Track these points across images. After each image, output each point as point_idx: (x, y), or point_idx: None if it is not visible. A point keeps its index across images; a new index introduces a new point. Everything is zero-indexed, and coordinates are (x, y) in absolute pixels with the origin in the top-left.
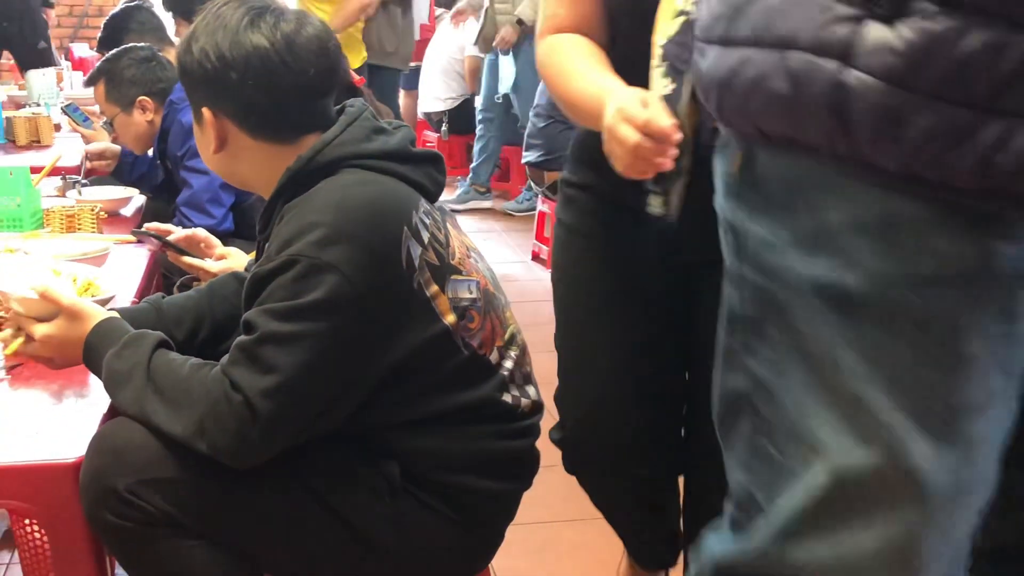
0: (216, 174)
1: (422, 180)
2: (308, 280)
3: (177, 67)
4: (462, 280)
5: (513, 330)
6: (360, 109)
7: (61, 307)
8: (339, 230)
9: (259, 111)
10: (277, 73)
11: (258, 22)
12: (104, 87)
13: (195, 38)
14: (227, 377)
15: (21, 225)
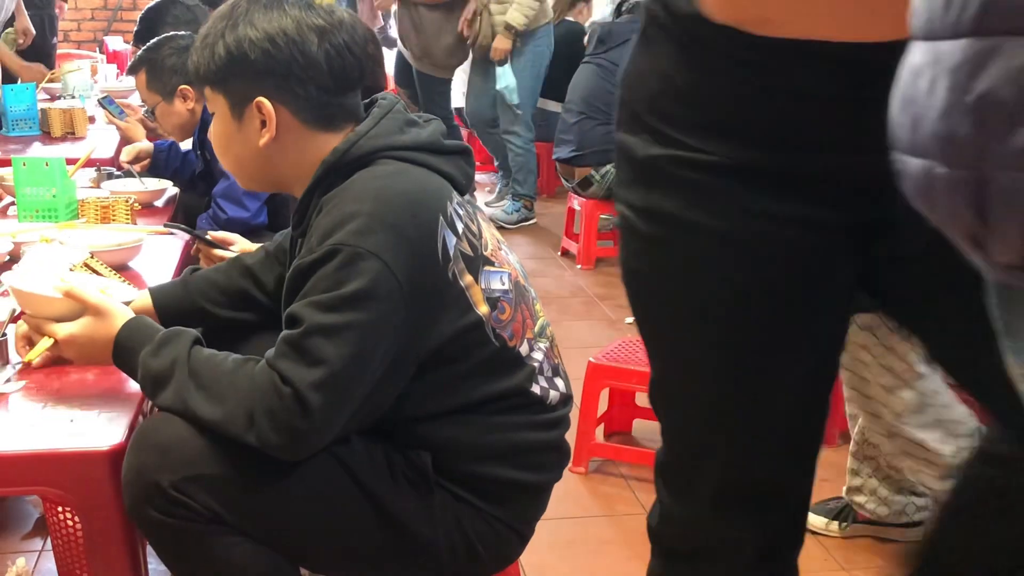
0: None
1: (454, 172)
2: (350, 268)
3: (223, 57)
4: (495, 271)
5: (543, 322)
6: (392, 102)
7: (87, 305)
8: (379, 218)
9: (320, 95)
10: (341, 55)
11: (313, 8)
12: (146, 76)
13: (251, 26)
14: (275, 370)
15: (56, 215)
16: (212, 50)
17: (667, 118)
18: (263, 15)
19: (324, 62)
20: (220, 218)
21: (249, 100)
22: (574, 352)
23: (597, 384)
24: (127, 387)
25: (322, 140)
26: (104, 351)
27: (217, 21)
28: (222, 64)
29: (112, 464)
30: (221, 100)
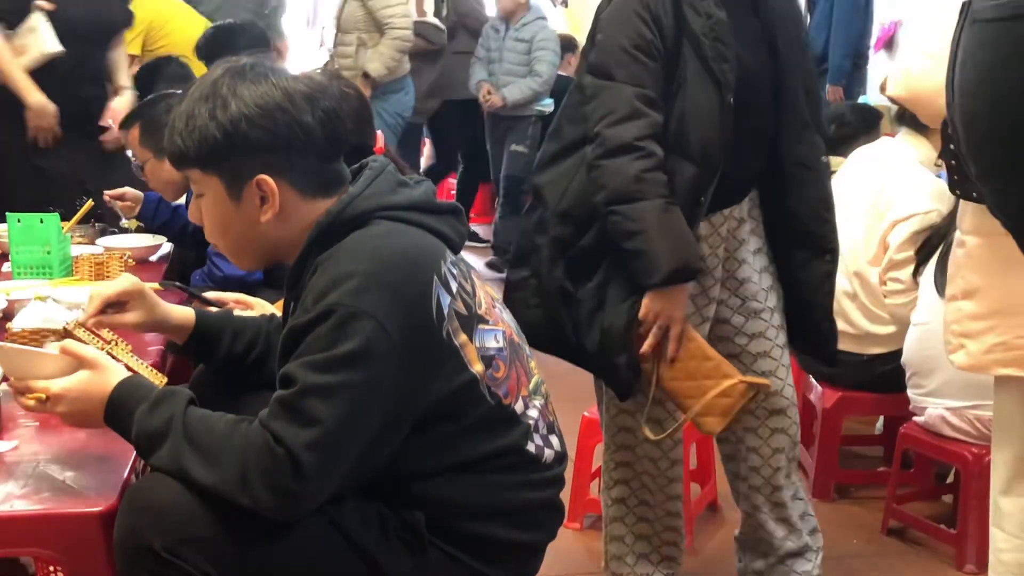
0: (245, 255)
1: (447, 231)
2: (345, 329)
3: (219, 140)
4: (489, 329)
5: (538, 379)
6: (384, 163)
7: (83, 360)
8: (374, 278)
9: (317, 164)
10: (332, 121)
11: (298, 79)
12: (139, 132)
13: (242, 104)
14: (268, 431)
15: (50, 272)
16: (202, 132)
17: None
18: (252, 90)
19: (319, 129)
20: (216, 276)
21: (248, 178)
22: (568, 405)
23: (591, 439)
24: (119, 447)
25: (315, 207)
26: (96, 409)
27: (200, 102)
28: (217, 145)
29: (104, 525)
30: (215, 181)
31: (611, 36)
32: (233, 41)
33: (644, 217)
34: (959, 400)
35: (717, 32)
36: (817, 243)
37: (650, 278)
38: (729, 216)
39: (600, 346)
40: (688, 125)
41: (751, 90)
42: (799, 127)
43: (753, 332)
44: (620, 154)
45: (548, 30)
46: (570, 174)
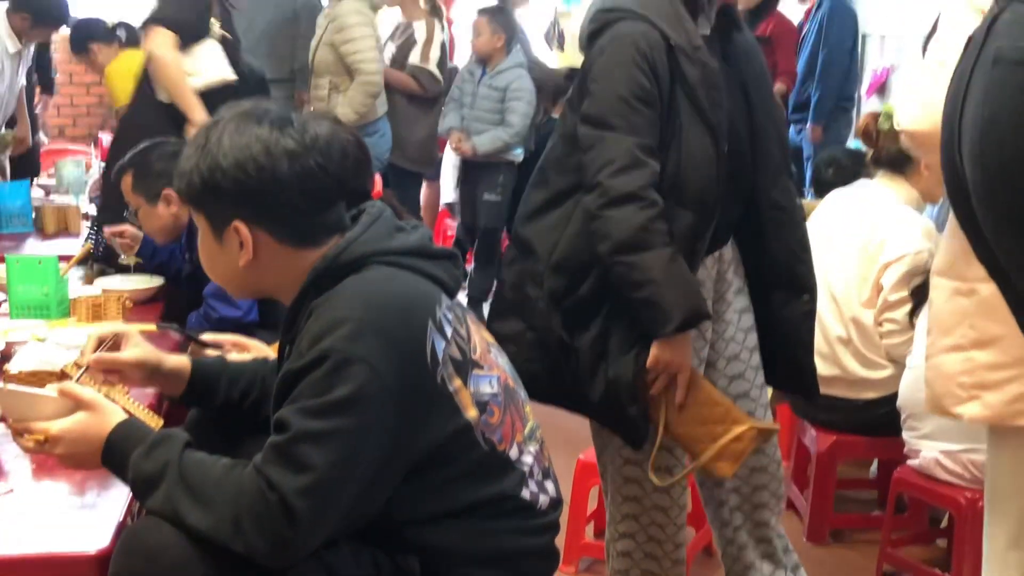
0: (234, 289)
1: (442, 276)
2: (338, 374)
3: (198, 185)
4: (484, 375)
5: (533, 425)
6: (381, 209)
7: (81, 402)
8: (368, 324)
9: (295, 217)
10: (314, 177)
11: (287, 129)
12: (132, 178)
13: (222, 154)
14: (262, 476)
15: (48, 313)
16: (188, 176)
17: None
18: (235, 140)
19: (296, 185)
20: (212, 317)
21: (227, 223)
22: (563, 448)
23: (586, 482)
24: (114, 490)
25: (304, 256)
26: (93, 450)
27: (192, 146)
28: (197, 191)
29: (99, 568)
30: (203, 221)
31: (608, 86)
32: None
33: (653, 267)
34: (954, 443)
35: (712, 82)
36: (795, 283)
37: (663, 327)
38: (718, 259)
39: (608, 397)
40: (685, 173)
41: (733, 136)
42: (774, 171)
43: (733, 374)
44: (624, 204)
45: (524, 80)
46: (561, 225)
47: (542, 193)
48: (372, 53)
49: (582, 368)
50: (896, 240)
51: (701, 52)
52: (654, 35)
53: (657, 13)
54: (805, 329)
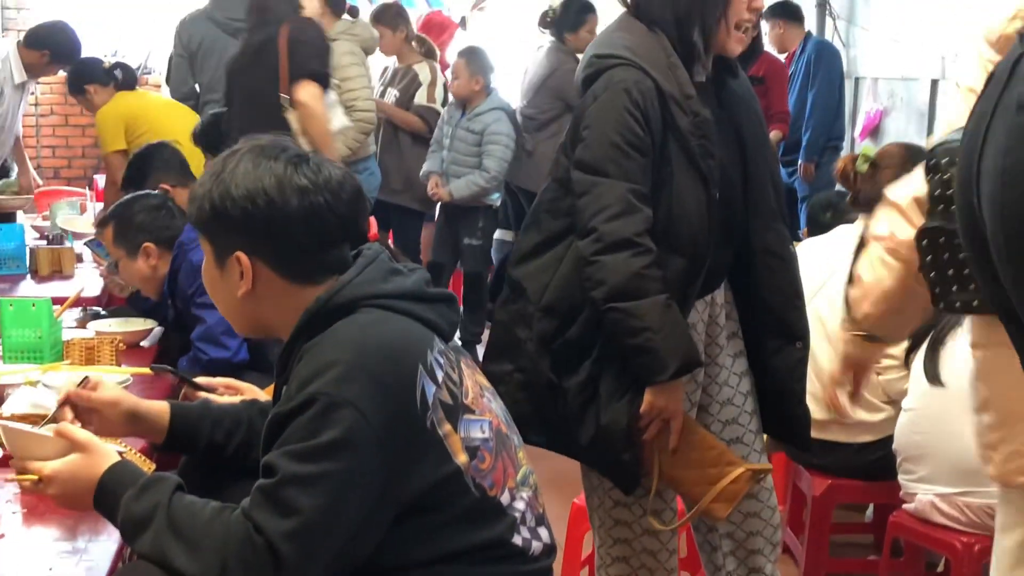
0: (230, 318)
1: (437, 320)
2: (326, 418)
3: (208, 211)
4: (475, 420)
5: (526, 470)
6: (377, 251)
7: (76, 443)
8: (357, 367)
9: (298, 253)
10: (321, 216)
11: (301, 167)
12: (112, 231)
13: (234, 184)
14: (249, 520)
15: (42, 357)
16: (199, 202)
17: None
18: (248, 172)
19: (303, 222)
20: (202, 360)
21: (230, 252)
22: (557, 492)
23: (581, 527)
24: (105, 535)
25: (303, 293)
26: (86, 492)
27: (209, 174)
28: (207, 217)
29: None
30: (208, 247)
31: (601, 132)
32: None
33: (648, 314)
34: (949, 487)
35: (703, 130)
36: (788, 331)
37: (659, 375)
38: (710, 302)
39: (599, 442)
40: (676, 220)
41: (726, 182)
42: (767, 216)
43: (727, 418)
44: (619, 250)
45: (502, 123)
46: (552, 267)
47: (535, 235)
48: (366, 92)
49: (570, 411)
50: None
51: (693, 101)
52: (647, 83)
53: (650, 61)
54: (796, 378)
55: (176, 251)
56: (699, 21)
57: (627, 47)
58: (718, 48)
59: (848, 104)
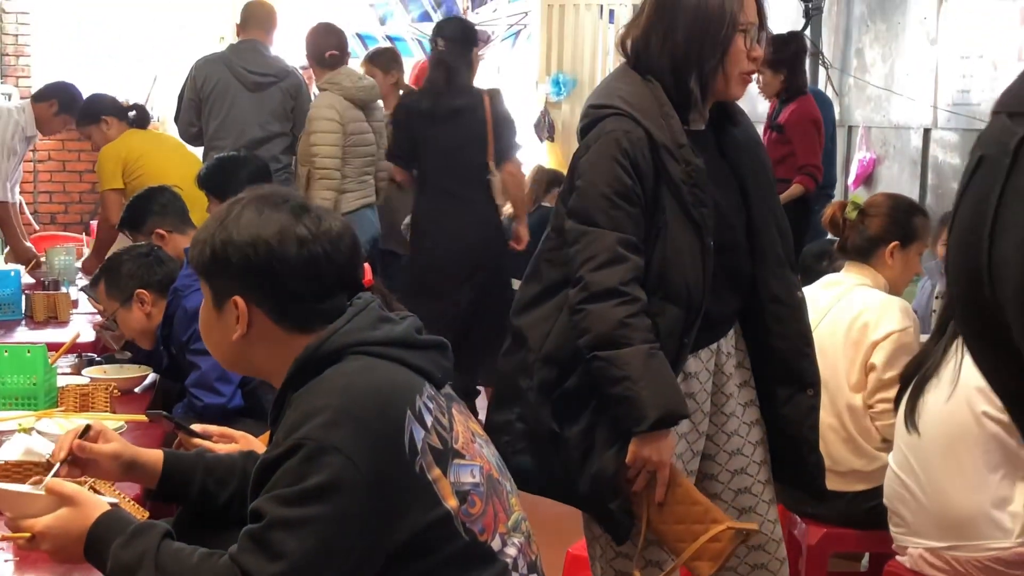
0: (224, 361)
1: (427, 366)
2: (313, 463)
3: (208, 255)
4: (465, 465)
5: (518, 516)
6: (367, 300)
7: (65, 497)
8: (344, 413)
9: (294, 301)
10: (318, 265)
11: (303, 217)
12: (104, 284)
13: (237, 230)
14: (236, 564)
15: (36, 404)
16: (201, 246)
17: None
18: (251, 219)
19: (301, 270)
20: (196, 407)
21: (228, 296)
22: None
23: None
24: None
25: (296, 341)
26: (77, 543)
27: (213, 219)
28: (208, 261)
29: None
30: (207, 290)
31: (592, 182)
32: (235, 172)
33: (629, 363)
34: (937, 541)
35: (695, 179)
36: (799, 378)
37: (637, 425)
38: (716, 351)
39: (592, 491)
40: (670, 268)
41: (726, 230)
42: (774, 264)
43: (735, 468)
44: (604, 299)
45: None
46: (552, 316)
47: (535, 285)
48: (329, 149)
49: (571, 460)
50: (880, 320)
51: (685, 150)
52: (638, 132)
53: (643, 110)
54: (808, 426)
55: (171, 297)
56: (696, 69)
57: (621, 97)
58: (718, 95)
59: (841, 152)
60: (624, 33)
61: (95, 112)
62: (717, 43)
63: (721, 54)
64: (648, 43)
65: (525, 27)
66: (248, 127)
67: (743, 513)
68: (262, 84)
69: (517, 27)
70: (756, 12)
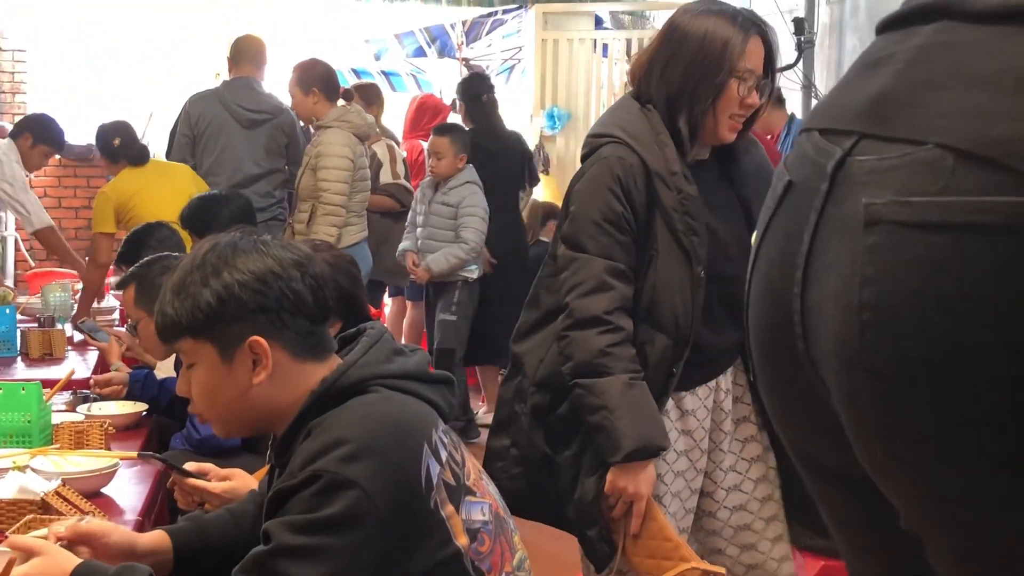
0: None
1: (438, 400)
2: (328, 495)
3: (213, 306)
4: (476, 502)
5: (522, 555)
6: (381, 331)
7: (33, 550)
8: (363, 447)
9: (309, 327)
10: (321, 286)
11: (288, 246)
12: (135, 291)
13: (236, 271)
14: None
15: (31, 441)
16: (195, 299)
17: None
18: (243, 258)
19: (309, 294)
20: (194, 438)
21: (241, 341)
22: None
23: None
24: None
25: (310, 370)
26: None
27: (191, 272)
28: (210, 311)
29: None
30: (207, 348)
31: (583, 209)
32: (217, 212)
33: (607, 392)
34: None
35: (687, 207)
36: None
37: (612, 456)
38: (715, 388)
39: (575, 516)
40: (659, 297)
41: (723, 261)
42: None
43: (733, 505)
44: (587, 327)
45: (477, 196)
46: (548, 343)
47: (533, 312)
48: (338, 186)
49: (563, 485)
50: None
51: (677, 177)
52: (632, 159)
53: (638, 137)
54: None
55: None
56: (687, 108)
57: (619, 125)
58: (708, 137)
59: None
60: (634, 60)
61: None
62: (711, 86)
63: (713, 98)
64: (650, 71)
65: (519, 61)
66: (243, 164)
67: (744, 550)
68: (256, 121)
69: (511, 62)
70: (761, 62)
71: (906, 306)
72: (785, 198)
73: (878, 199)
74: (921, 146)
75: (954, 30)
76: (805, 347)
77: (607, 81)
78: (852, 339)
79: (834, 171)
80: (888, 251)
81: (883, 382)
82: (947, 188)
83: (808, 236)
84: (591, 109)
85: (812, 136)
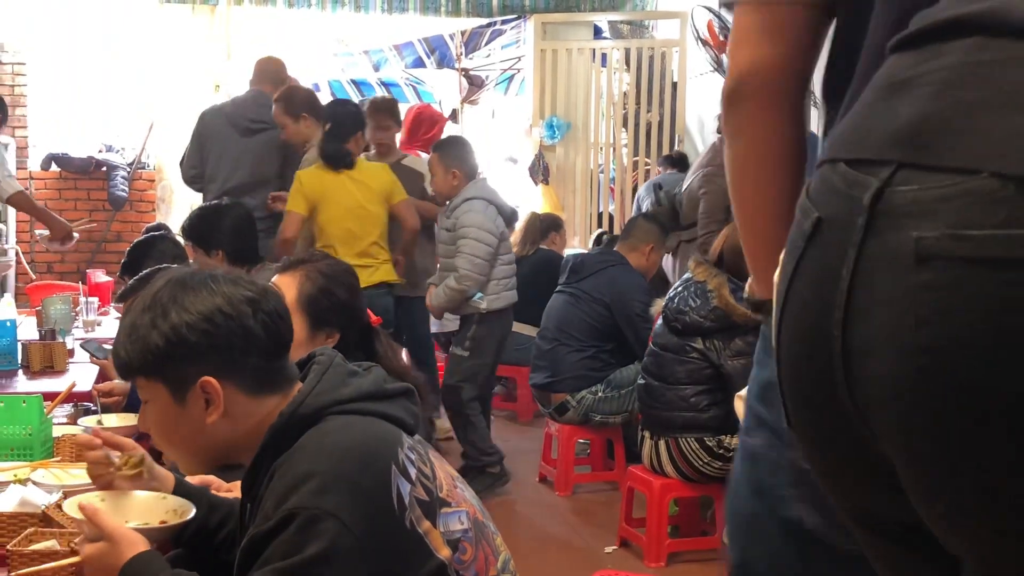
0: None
1: (401, 415)
2: (308, 532)
3: (161, 347)
4: (452, 512)
5: (505, 557)
6: (331, 356)
7: (103, 531)
8: (333, 476)
9: (262, 363)
10: (275, 321)
11: (240, 282)
12: None
13: (183, 311)
14: None
15: (31, 454)
16: (144, 342)
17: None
18: (192, 298)
19: (262, 331)
20: None
21: (192, 382)
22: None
23: None
24: None
25: (267, 404)
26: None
27: (142, 313)
28: (159, 353)
29: None
30: (159, 388)
31: None
32: (218, 222)
33: None
34: None
35: None
36: None
37: None
38: None
39: None
40: None
41: None
42: None
43: None
44: None
45: (471, 213)
46: None
47: None
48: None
49: None
50: None
51: None
52: None
53: None
54: None
55: None
56: None
57: None
58: None
59: None
60: None
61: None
62: None
63: None
64: None
65: (519, 72)
66: (238, 169)
67: None
68: (252, 129)
69: (510, 72)
70: None
71: (971, 348)
72: (815, 235)
73: (929, 232)
74: (975, 175)
75: (993, 47)
76: (848, 392)
77: (606, 91)
78: (908, 383)
79: (872, 203)
80: (946, 289)
81: (946, 427)
82: (1010, 220)
83: (847, 272)
84: (590, 119)
85: (838, 167)
